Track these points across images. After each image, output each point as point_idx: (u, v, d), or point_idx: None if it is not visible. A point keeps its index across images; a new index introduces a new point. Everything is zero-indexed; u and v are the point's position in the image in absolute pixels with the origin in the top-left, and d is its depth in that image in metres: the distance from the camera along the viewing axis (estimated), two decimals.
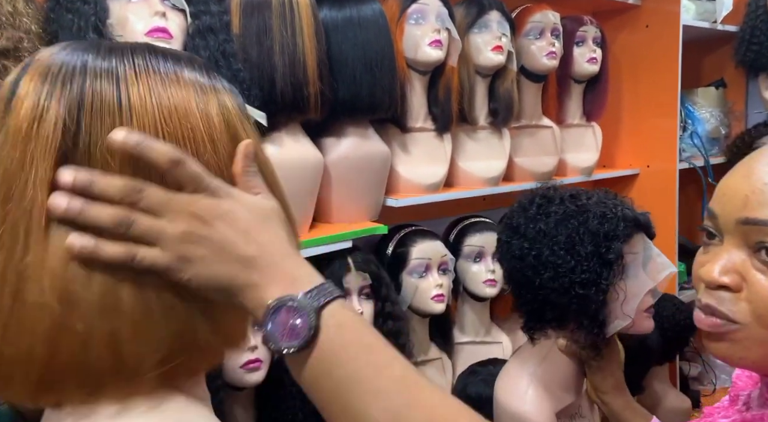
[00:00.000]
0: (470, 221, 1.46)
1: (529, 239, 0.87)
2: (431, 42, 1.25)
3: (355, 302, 1.12)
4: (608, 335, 0.91)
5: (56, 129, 0.37)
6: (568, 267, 0.84)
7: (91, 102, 0.38)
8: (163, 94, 0.40)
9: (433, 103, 1.35)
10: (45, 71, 0.39)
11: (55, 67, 0.39)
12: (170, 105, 0.40)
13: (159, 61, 0.41)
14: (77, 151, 0.38)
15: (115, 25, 0.82)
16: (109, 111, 0.38)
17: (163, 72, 0.41)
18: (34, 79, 0.39)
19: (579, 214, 0.86)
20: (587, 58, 1.61)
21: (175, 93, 0.41)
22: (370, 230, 1.20)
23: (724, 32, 1.94)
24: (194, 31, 0.88)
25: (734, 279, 0.53)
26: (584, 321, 0.87)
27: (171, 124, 0.40)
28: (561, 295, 0.85)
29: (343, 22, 1.12)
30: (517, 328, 1.60)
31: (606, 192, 0.93)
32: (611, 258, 0.83)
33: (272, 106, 0.99)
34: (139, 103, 0.39)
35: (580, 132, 1.75)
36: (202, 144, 0.41)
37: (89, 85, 0.39)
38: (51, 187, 0.38)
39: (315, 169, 1.10)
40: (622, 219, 0.85)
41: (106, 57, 0.40)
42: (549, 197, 0.91)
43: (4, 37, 0.70)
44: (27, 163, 0.37)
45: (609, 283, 0.84)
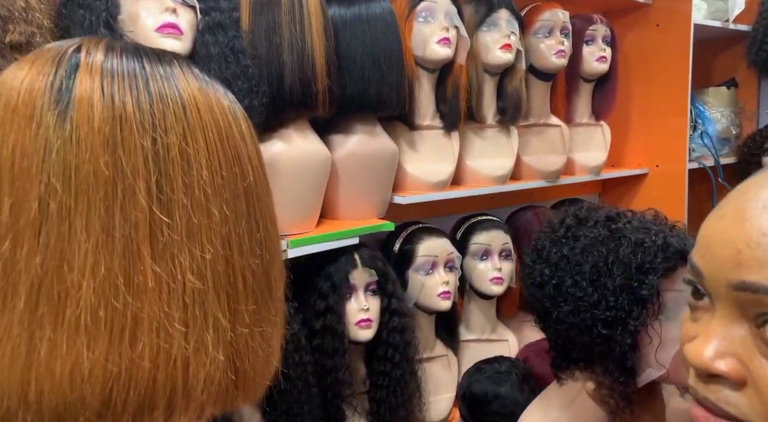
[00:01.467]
0: (477, 219, 1.46)
1: (551, 265, 0.76)
2: (440, 40, 1.25)
3: (361, 298, 1.13)
4: (639, 385, 0.76)
5: (139, 132, 0.37)
6: (591, 301, 0.71)
7: (160, 104, 0.38)
8: (210, 93, 0.42)
9: (441, 100, 1.35)
10: (106, 72, 0.38)
11: (117, 69, 0.38)
12: (213, 103, 0.42)
13: (192, 65, 0.44)
14: (159, 156, 0.37)
15: (125, 20, 0.83)
16: (175, 114, 0.39)
17: (199, 74, 0.44)
18: (95, 80, 0.37)
19: (611, 240, 0.73)
20: (596, 56, 1.60)
21: (213, 92, 0.43)
22: (377, 227, 1.20)
23: (736, 31, 1.93)
24: (204, 28, 0.89)
25: (733, 366, 0.39)
26: (610, 365, 0.73)
27: (216, 119, 0.41)
28: (581, 333, 0.73)
29: (352, 19, 1.12)
30: (523, 326, 1.60)
31: (655, 215, 0.80)
32: (644, 294, 0.70)
33: (280, 103, 1.00)
34: (195, 104, 0.40)
35: (589, 131, 1.74)
36: (241, 140, 0.43)
37: (154, 88, 0.39)
38: (158, 198, 0.37)
39: (323, 166, 1.11)
40: (661, 249, 0.71)
41: (156, 60, 0.41)
42: (581, 218, 0.79)
43: (17, 31, 0.71)
44: (121, 169, 0.36)
45: (640, 324, 0.70)
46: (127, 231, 0.36)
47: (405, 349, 1.18)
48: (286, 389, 1.02)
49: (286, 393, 1.02)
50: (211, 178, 0.39)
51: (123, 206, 0.36)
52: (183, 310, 0.37)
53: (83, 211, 0.35)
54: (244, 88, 0.91)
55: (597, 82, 1.68)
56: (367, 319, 1.12)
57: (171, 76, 0.40)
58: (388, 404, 1.17)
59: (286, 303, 1.02)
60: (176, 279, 0.37)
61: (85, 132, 0.36)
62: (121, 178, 0.36)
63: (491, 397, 1.22)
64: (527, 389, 1.23)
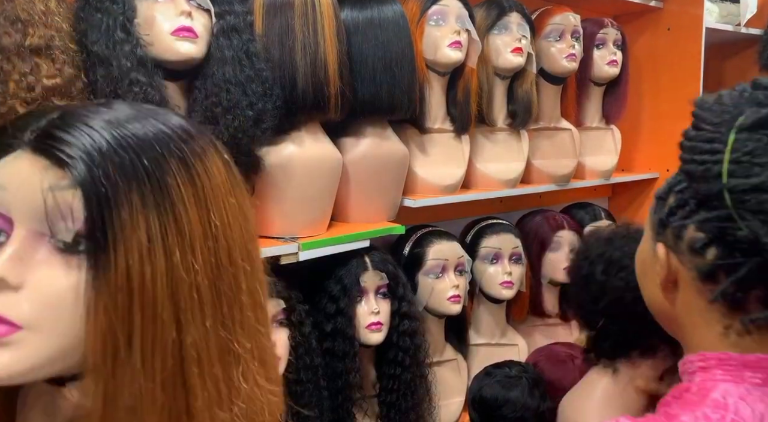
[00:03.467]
0: (487, 222, 1.46)
1: (617, 257, 0.82)
2: (451, 43, 1.25)
3: (372, 301, 1.13)
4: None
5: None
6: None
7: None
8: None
9: (452, 104, 1.35)
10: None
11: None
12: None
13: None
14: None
15: (142, 24, 0.83)
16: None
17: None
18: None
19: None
20: (607, 60, 1.59)
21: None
22: (387, 230, 1.20)
23: (748, 35, 1.91)
24: (218, 31, 0.90)
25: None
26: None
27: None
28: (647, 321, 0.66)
29: (364, 22, 1.12)
30: (533, 331, 1.60)
31: None
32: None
33: (293, 106, 1.00)
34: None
35: (600, 135, 1.73)
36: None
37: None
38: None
39: (334, 169, 1.11)
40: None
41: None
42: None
43: (36, 35, 0.71)
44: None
45: None
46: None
47: (415, 353, 1.18)
48: (297, 391, 1.02)
49: (296, 396, 1.02)
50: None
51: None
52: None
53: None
54: (258, 91, 0.91)
55: (607, 86, 1.68)
56: (377, 322, 1.12)
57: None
58: (398, 407, 1.16)
59: (299, 305, 1.01)
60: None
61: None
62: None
63: (501, 402, 1.22)
64: (537, 394, 1.23)
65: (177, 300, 0.36)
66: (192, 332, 0.37)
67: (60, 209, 0.35)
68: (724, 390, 0.52)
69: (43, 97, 0.73)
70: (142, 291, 0.35)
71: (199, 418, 0.38)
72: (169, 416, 0.37)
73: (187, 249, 0.37)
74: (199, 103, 0.89)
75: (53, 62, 0.74)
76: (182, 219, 0.37)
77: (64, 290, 0.35)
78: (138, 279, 0.35)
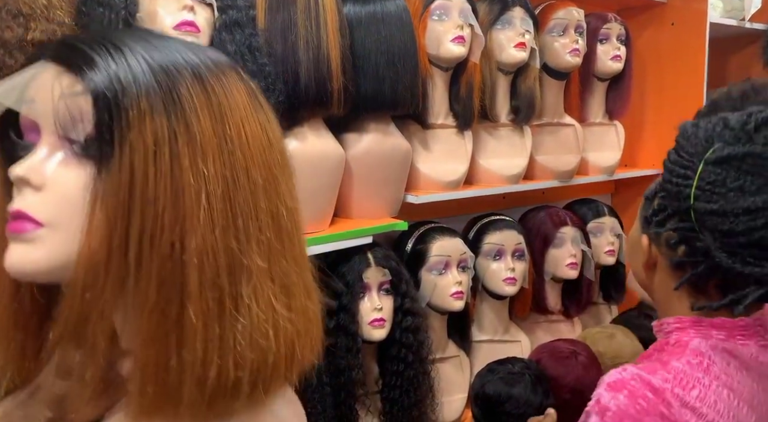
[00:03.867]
0: (490, 219, 1.45)
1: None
2: (454, 38, 1.25)
3: (374, 297, 1.12)
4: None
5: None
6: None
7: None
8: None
9: (455, 99, 1.34)
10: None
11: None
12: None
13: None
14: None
15: (144, 18, 0.83)
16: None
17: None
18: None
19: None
20: (611, 55, 1.59)
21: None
22: (390, 226, 1.20)
23: (753, 30, 1.90)
24: (221, 26, 0.89)
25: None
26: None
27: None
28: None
29: (366, 17, 1.12)
30: (535, 327, 1.60)
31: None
32: None
33: (296, 101, 0.99)
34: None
35: (603, 131, 1.73)
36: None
37: None
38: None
39: (336, 164, 1.11)
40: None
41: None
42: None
43: (38, 29, 0.71)
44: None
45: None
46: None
47: (418, 349, 1.17)
48: (299, 388, 1.01)
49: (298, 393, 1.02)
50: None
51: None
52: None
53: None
54: (261, 86, 0.90)
55: (611, 81, 1.67)
56: (380, 319, 1.12)
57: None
58: (401, 404, 1.16)
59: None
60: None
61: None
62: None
63: (504, 398, 1.21)
64: (540, 390, 1.23)
65: (181, 204, 0.37)
66: (196, 238, 0.38)
67: (72, 114, 0.37)
68: (698, 342, 0.67)
69: None
70: (144, 191, 0.36)
71: (189, 326, 0.38)
72: (159, 320, 0.37)
73: (198, 156, 0.38)
74: None
75: None
76: (194, 128, 0.38)
77: (79, 190, 0.37)
78: (141, 178, 0.36)
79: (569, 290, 1.59)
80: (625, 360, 1.35)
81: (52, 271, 0.38)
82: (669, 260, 0.69)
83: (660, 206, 0.70)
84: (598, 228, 1.64)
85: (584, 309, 1.66)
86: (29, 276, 0.38)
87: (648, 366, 0.66)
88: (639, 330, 1.44)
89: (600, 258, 1.63)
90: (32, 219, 0.37)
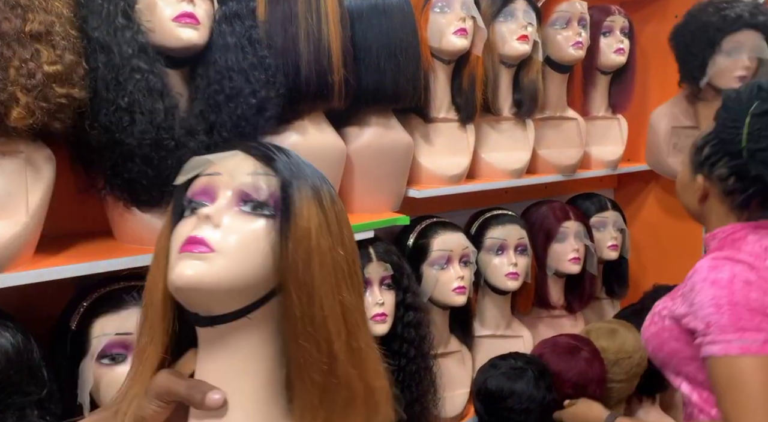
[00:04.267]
0: (492, 213, 1.44)
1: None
2: (456, 31, 1.23)
3: (376, 292, 1.12)
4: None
5: None
6: None
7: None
8: None
9: (457, 92, 1.33)
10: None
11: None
12: None
13: None
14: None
15: (143, 10, 0.82)
16: None
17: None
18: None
19: None
20: (614, 48, 1.57)
21: None
22: (391, 220, 1.19)
23: None
24: (221, 17, 0.88)
25: None
26: None
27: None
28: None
29: (368, 9, 1.10)
30: (537, 322, 1.59)
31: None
32: None
33: (297, 94, 0.99)
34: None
35: (606, 124, 1.72)
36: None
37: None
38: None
39: (338, 158, 1.10)
40: None
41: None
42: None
43: (36, 20, 0.70)
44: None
45: None
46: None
47: (420, 344, 1.17)
48: None
49: None
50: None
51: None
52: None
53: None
54: (261, 78, 0.90)
55: (614, 75, 1.66)
56: (381, 313, 1.11)
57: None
58: (403, 399, 1.16)
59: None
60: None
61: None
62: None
63: (507, 393, 1.21)
64: (543, 385, 1.22)
65: (334, 264, 0.54)
66: (344, 293, 0.54)
67: (261, 187, 0.53)
68: (753, 237, 0.94)
69: (44, 84, 0.72)
70: (318, 244, 0.53)
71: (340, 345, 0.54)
72: (339, 330, 0.53)
73: (336, 238, 0.54)
74: (202, 91, 0.88)
75: (54, 49, 0.73)
76: (329, 215, 0.55)
77: (248, 233, 0.52)
78: (313, 236, 0.53)
79: (572, 285, 1.59)
80: (628, 356, 1.35)
81: (216, 285, 0.50)
82: (722, 190, 0.96)
83: (713, 150, 0.95)
84: (601, 222, 1.63)
85: (587, 304, 1.65)
86: (202, 284, 0.50)
87: (727, 253, 0.92)
88: (642, 325, 1.44)
89: (603, 252, 1.62)
90: (209, 245, 0.51)
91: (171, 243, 0.53)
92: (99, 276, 0.86)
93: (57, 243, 0.90)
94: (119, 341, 0.81)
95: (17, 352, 0.72)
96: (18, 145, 0.77)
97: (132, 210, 0.88)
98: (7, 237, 0.76)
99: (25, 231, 0.79)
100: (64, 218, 0.94)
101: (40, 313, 0.86)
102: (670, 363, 1.00)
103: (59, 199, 0.86)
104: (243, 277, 0.51)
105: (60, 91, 0.72)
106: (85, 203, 0.92)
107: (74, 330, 0.83)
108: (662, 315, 1.00)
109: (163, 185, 0.85)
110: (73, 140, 0.85)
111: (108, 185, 0.87)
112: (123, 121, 0.80)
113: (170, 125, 0.83)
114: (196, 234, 0.51)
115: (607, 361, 1.33)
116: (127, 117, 0.80)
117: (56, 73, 0.72)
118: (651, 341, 1.03)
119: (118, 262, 0.85)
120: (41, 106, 0.72)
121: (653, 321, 1.03)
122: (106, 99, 0.79)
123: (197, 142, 0.86)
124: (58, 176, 0.83)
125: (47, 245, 0.86)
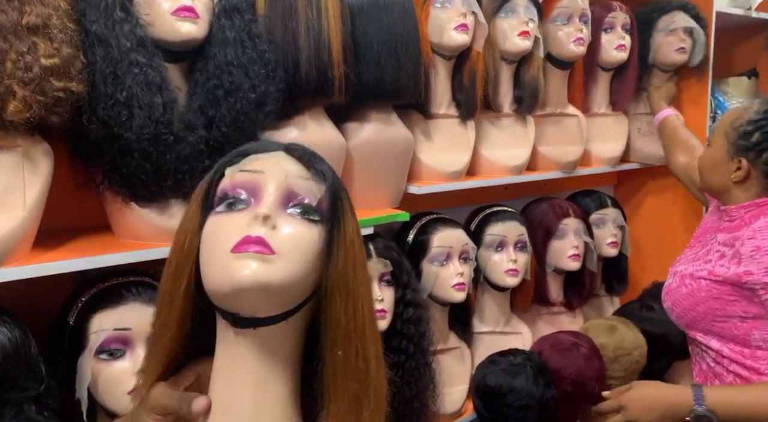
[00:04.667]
0: (492, 210, 1.44)
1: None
2: (457, 26, 1.23)
3: (376, 289, 1.12)
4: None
5: None
6: None
7: None
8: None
9: (458, 89, 1.33)
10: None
11: None
12: None
13: None
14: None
15: (142, 3, 0.81)
16: None
17: None
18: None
19: None
20: (615, 45, 1.57)
21: None
22: (391, 217, 1.19)
23: (759, 20, 1.88)
24: (220, 11, 0.88)
25: None
26: None
27: None
28: None
29: (368, 4, 1.10)
30: (537, 319, 1.59)
31: None
32: None
33: (296, 89, 0.98)
34: None
35: (606, 121, 1.71)
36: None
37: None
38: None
39: (337, 154, 1.09)
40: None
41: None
42: None
43: (33, 13, 0.69)
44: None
45: None
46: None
47: (419, 340, 1.17)
48: None
49: None
50: None
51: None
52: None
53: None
54: (261, 73, 0.89)
55: (615, 71, 1.65)
56: (381, 310, 1.11)
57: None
58: (402, 395, 1.16)
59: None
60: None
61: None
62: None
63: (506, 390, 1.21)
64: (542, 382, 1.22)
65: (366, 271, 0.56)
66: (368, 302, 0.55)
67: (313, 192, 0.53)
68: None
69: (41, 77, 0.71)
70: (360, 252, 0.55)
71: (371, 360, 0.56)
72: (375, 337, 0.56)
73: (358, 252, 0.55)
74: (201, 86, 0.87)
75: (51, 42, 0.72)
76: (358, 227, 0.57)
77: (305, 237, 0.52)
78: (357, 245, 0.55)
79: (571, 282, 1.59)
80: (627, 352, 1.35)
81: (279, 286, 0.50)
82: (764, 172, 1.10)
83: (763, 137, 1.09)
84: (601, 219, 1.63)
85: (586, 300, 1.65)
86: (269, 285, 0.49)
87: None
88: (641, 322, 1.44)
89: (602, 249, 1.62)
90: (271, 248, 0.49)
91: (211, 240, 0.51)
92: (98, 271, 0.86)
93: (55, 238, 0.89)
94: (117, 336, 0.81)
95: (15, 347, 0.72)
96: (15, 139, 0.76)
97: (130, 204, 0.88)
98: (4, 232, 0.76)
99: (23, 226, 0.78)
100: (62, 213, 0.93)
101: (37, 308, 0.86)
102: (702, 321, 1.12)
103: (57, 194, 0.85)
104: (300, 281, 0.51)
105: (57, 84, 0.72)
106: (83, 198, 0.92)
107: (72, 326, 0.83)
108: (695, 276, 1.12)
109: (162, 180, 0.84)
110: (71, 134, 0.84)
111: (106, 180, 0.86)
112: (121, 115, 0.79)
113: (169, 120, 0.83)
114: (253, 233, 0.49)
115: (606, 358, 1.33)
116: (126, 111, 0.79)
117: (53, 67, 0.72)
118: (681, 302, 1.14)
119: (117, 257, 0.84)
120: (38, 100, 0.71)
121: (684, 283, 1.14)
122: (105, 93, 0.79)
123: (196, 137, 0.86)
124: (56, 170, 0.83)
125: (45, 240, 0.86)
